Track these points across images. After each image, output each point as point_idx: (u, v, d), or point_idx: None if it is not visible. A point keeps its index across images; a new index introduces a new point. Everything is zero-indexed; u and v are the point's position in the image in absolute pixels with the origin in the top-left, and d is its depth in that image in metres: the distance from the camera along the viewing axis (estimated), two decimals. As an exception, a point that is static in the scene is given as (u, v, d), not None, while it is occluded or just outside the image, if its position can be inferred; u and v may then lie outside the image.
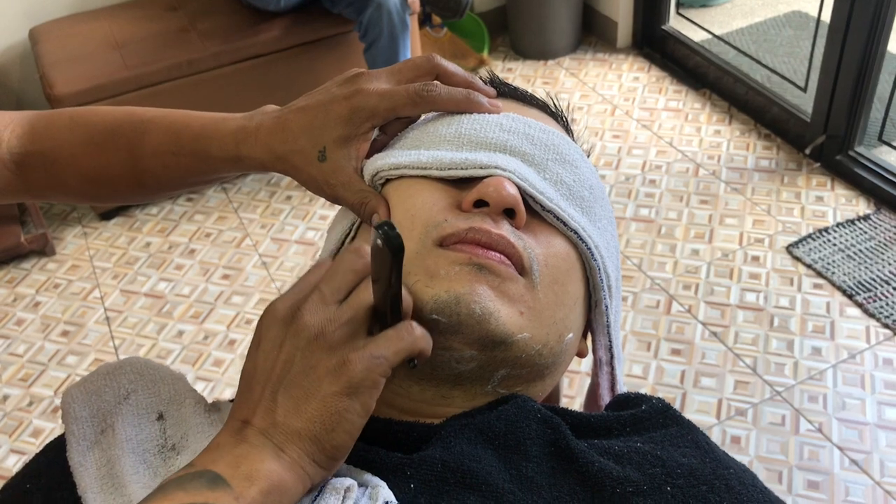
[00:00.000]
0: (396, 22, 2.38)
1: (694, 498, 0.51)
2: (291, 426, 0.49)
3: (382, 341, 0.51)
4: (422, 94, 0.62)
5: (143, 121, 0.69)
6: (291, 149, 0.63)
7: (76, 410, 0.58)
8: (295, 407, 0.49)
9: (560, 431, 0.54)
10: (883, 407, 1.84)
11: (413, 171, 0.62)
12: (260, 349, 0.51)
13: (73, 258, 2.47)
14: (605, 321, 0.65)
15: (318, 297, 0.51)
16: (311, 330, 0.50)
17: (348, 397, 0.49)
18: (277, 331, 0.51)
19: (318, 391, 0.49)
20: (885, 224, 2.29)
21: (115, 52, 2.45)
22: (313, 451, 0.49)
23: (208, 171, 0.68)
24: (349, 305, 0.51)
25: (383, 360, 0.50)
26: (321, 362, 0.50)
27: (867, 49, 2.29)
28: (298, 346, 0.50)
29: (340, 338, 0.50)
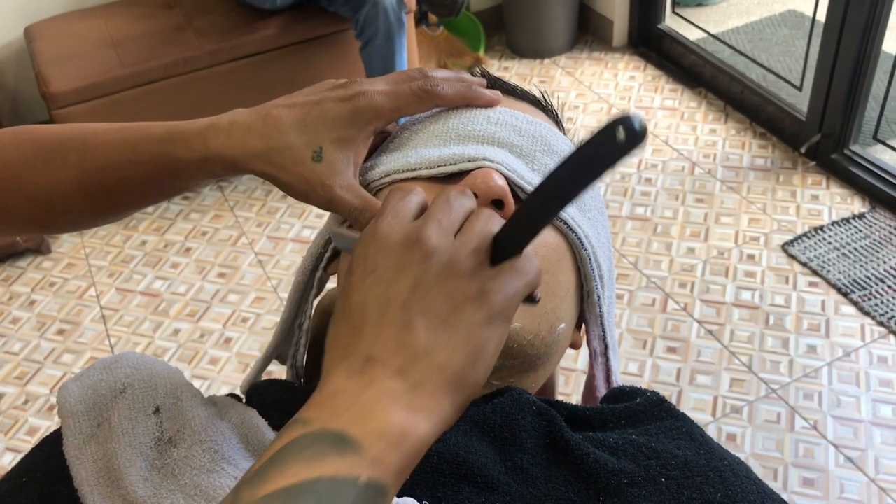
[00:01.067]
0: (393, 20, 2.38)
1: (688, 489, 0.51)
2: (435, 360, 0.43)
3: (511, 272, 0.47)
4: (426, 90, 0.61)
5: (95, 132, 0.63)
6: (276, 145, 0.58)
7: (72, 405, 0.58)
8: (436, 337, 0.43)
9: (555, 423, 0.55)
10: (878, 404, 1.85)
11: (403, 174, 0.62)
12: (375, 276, 0.45)
13: (68, 256, 2.47)
14: (598, 311, 0.65)
15: (436, 223, 0.46)
16: (444, 255, 0.45)
17: (490, 327, 0.45)
18: (397, 256, 0.45)
19: (460, 320, 0.44)
20: (880, 223, 2.30)
21: (110, 49, 2.45)
22: (453, 389, 0.43)
23: (170, 179, 0.62)
24: (474, 234, 0.47)
25: (515, 290, 0.46)
26: (459, 288, 0.45)
27: (862, 48, 2.29)
28: (430, 271, 0.45)
29: (472, 266, 0.46)
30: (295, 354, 0.70)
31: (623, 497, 0.51)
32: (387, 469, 0.40)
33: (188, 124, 0.61)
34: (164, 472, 0.53)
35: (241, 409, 0.58)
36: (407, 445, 0.41)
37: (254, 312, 2.23)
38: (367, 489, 0.39)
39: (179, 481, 0.52)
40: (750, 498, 0.52)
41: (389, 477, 0.40)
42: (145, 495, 0.51)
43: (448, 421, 0.43)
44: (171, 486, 0.52)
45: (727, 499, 0.51)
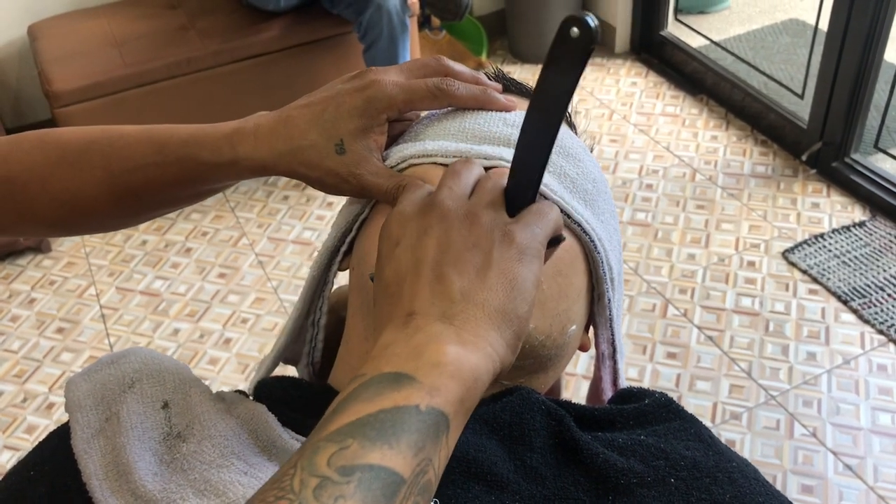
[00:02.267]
0: (396, 23, 2.39)
1: (697, 490, 0.52)
2: (473, 298, 0.45)
3: (530, 215, 0.49)
4: (441, 88, 0.62)
5: (121, 134, 0.64)
6: (300, 145, 0.60)
7: (80, 399, 0.58)
8: (470, 280, 0.45)
9: (564, 423, 0.55)
10: (877, 412, 1.85)
11: (419, 160, 0.62)
12: (401, 246, 0.48)
13: (68, 255, 2.47)
14: (608, 314, 0.65)
15: (447, 190, 0.50)
16: (460, 211, 0.48)
17: (521, 262, 0.47)
18: (417, 223, 0.48)
19: (489, 260, 0.46)
20: (881, 231, 2.30)
21: (114, 49, 2.45)
22: (499, 324, 0.45)
23: (197, 181, 0.64)
24: (483, 191, 0.50)
25: (539, 229, 0.49)
26: (482, 237, 0.47)
27: (864, 57, 2.30)
28: (451, 227, 0.47)
29: (491, 216, 0.48)
30: (312, 351, 0.70)
31: (633, 497, 0.51)
32: (446, 397, 0.41)
33: (213, 128, 0.63)
34: (173, 466, 0.53)
35: (249, 404, 0.58)
36: (462, 374, 0.42)
37: (254, 313, 2.23)
38: (428, 415, 0.40)
39: (189, 476, 0.52)
40: (758, 499, 0.52)
41: (449, 405, 0.41)
42: (154, 490, 0.51)
43: (502, 355, 0.45)
44: (180, 480, 0.52)
45: (736, 500, 0.51)
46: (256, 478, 0.52)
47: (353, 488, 0.37)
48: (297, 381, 0.63)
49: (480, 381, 0.43)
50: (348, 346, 0.63)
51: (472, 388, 0.43)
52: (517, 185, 0.50)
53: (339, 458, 0.38)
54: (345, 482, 0.37)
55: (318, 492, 0.37)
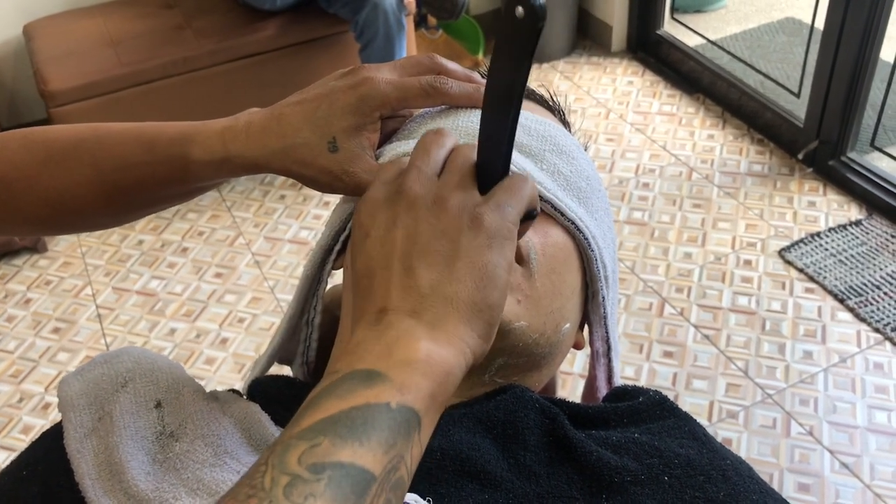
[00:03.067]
0: (392, 22, 2.39)
1: (691, 488, 0.51)
2: (442, 292, 0.45)
3: (502, 192, 0.48)
4: (434, 86, 0.61)
5: (109, 132, 0.63)
6: (293, 143, 0.59)
7: (73, 398, 0.57)
8: (439, 273, 0.45)
9: (558, 421, 0.55)
10: (873, 411, 1.85)
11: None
12: (370, 237, 0.47)
13: (64, 255, 2.47)
14: (603, 312, 0.65)
15: (415, 171, 0.49)
16: (427, 197, 0.47)
17: (490, 249, 0.46)
18: (385, 212, 0.48)
19: (458, 250, 0.46)
20: (877, 230, 2.31)
21: (109, 48, 2.45)
22: (470, 317, 0.45)
23: (188, 179, 0.63)
24: (453, 170, 0.48)
25: (511, 208, 0.48)
26: (450, 224, 0.46)
27: (860, 56, 2.30)
28: (418, 217, 0.47)
29: (459, 197, 0.47)
30: (306, 351, 0.70)
31: (626, 495, 0.51)
32: (416, 394, 0.41)
33: (204, 125, 0.62)
34: (165, 465, 0.53)
35: (243, 403, 0.58)
36: (433, 372, 0.42)
37: (250, 313, 2.23)
38: (398, 412, 0.40)
39: (182, 475, 0.52)
40: (752, 497, 0.52)
41: (420, 402, 0.41)
42: (147, 489, 0.51)
43: (473, 347, 0.45)
44: (173, 479, 0.52)
45: (730, 498, 0.51)
46: (249, 476, 0.52)
47: (324, 486, 0.37)
48: (291, 381, 0.63)
49: (452, 376, 0.43)
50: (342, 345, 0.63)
51: (444, 384, 0.43)
52: (486, 161, 0.49)
53: (310, 455, 0.38)
54: (315, 480, 0.37)
55: (289, 490, 0.37)
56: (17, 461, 0.57)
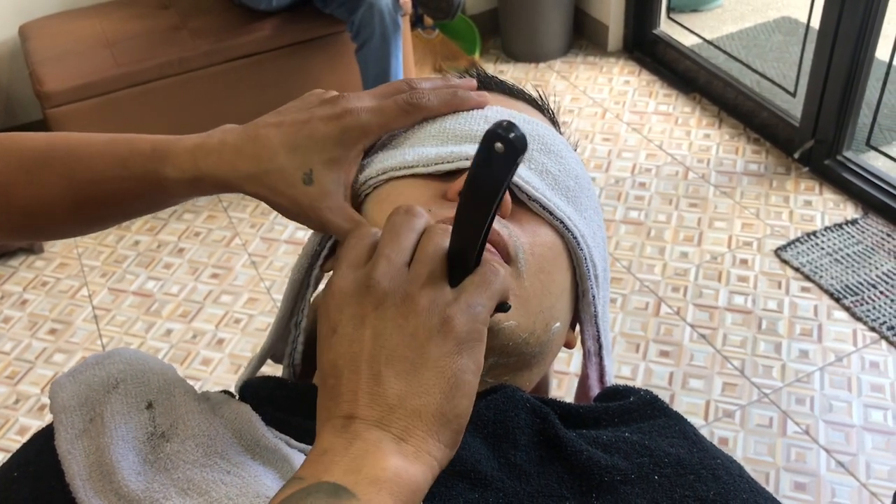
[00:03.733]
0: (388, 23, 2.39)
1: (681, 486, 0.52)
2: (409, 406, 0.43)
3: (473, 288, 0.46)
4: (412, 103, 0.61)
5: (81, 144, 0.62)
6: (267, 168, 0.58)
7: (64, 400, 0.57)
8: (406, 383, 0.44)
9: (548, 421, 0.55)
10: (869, 409, 1.86)
11: (399, 171, 0.62)
12: (338, 334, 0.46)
13: (60, 256, 2.46)
14: (593, 311, 0.65)
15: (385, 262, 0.46)
16: (396, 295, 0.45)
17: (460, 356, 0.44)
18: (354, 308, 0.46)
19: (426, 358, 0.44)
20: (873, 228, 2.31)
21: (105, 49, 2.44)
22: (437, 429, 0.44)
23: (160, 196, 0.62)
24: (423, 261, 0.46)
25: (481, 307, 0.46)
26: (419, 326, 0.45)
27: (855, 55, 2.30)
28: (386, 317, 0.45)
29: (428, 296, 0.45)
30: (292, 353, 0.70)
31: (616, 494, 0.51)
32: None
33: (177, 141, 0.61)
34: (156, 466, 0.53)
35: (234, 404, 0.58)
36: (401, 490, 0.41)
37: (247, 313, 2.23)
38: None
39: (172, 475, 0.52)
40: (742, 496, 0.52)
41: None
42: (138, 489, 0.51)
43: (441, 459, 0.44)
44: (163, 480, 0.52)
45: (720, 497, 0.51)
46: (239, 476, 0.52)
47: None
48: (281, 382, 0.63)
49: (419, 492, 0.43)
50: None
51: (410, 500, 0.42)
52: (459, 249, 0.47)
53: None
54: None
55: None
56: (9, 463, 0.58)
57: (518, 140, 0.43)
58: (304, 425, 0.56)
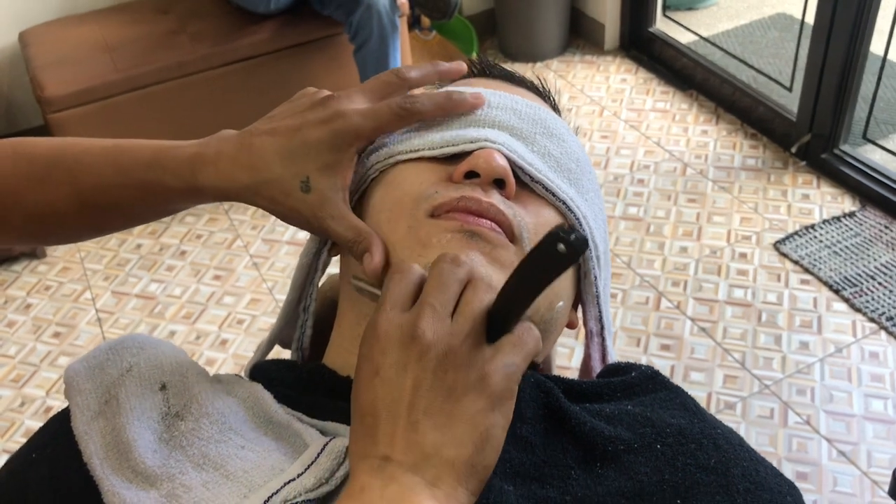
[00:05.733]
0: (386, 23, 2.40)
1: (683, 455, 0.53)
2: (444, 456, 0.46)
3: (509, 348, 0.49)
4: (405, 107, 0.61)
5: (87, 151, 0.63)
6: (264, 178, 0.58)
7: (79, 383, 0.59)
8: (442, 434, 0.46)
9: (553, 395, 0.56)
10: (869, 399, 1.87)
11: (406, 155, 0.63)
12: (379, 377, 0.48)
13: (63, 260, 2.48)
14: (595, 291, 0.66)
15: (430, 312, 0.48)
16: (439, 348, 0.47)
17: (493, 412, 0.47)
18: (397, 355, 0.47)
19: (463, 412, 0.47)
20: (871, 221, 2.32)
21: (105, 54, 2.46)
22: (467, 479, 0.46)
23: (161, 204, 0.63)
24: (467, 317, 0.48)
25: (515, 367, 0.48)
26: (458, 381, 0.47)
27: (850, 49, 2.32)
28: (427, 368, 0.47)
29: (469, 352, 0.48)
30: (301, 337, 0.71)
31: (619, 463, 0.53)
32: None
33: (175, 150, 0.61)
34: (171, 444, 0.54)
35: (246, 384, 0.59)
36: None
37: (249, 314, 2.24)
38: None
39: (188, 452, 0.53)
40: (743, 463, 0.53)
41: None
42: (154, 465, 0.52)
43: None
44: (179, 456, 0.53)
45: (720, 464, 0.53)
46: (254, 451, 0.53)
47: None
48: (290, 363, 0.64)
49: None
50: (341, 329, 0.64)
51: None
52: (501, 310, 0.49)
53: None
54: None
55: None
56: (27, 445, 0.59)
57: (579, 244, 0.45)
58: (314, 402, 0.58)
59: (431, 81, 0.65)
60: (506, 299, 0.49)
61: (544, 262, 0.46)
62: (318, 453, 0.52)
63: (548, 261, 0.46)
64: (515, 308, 0.49)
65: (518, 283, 0.48)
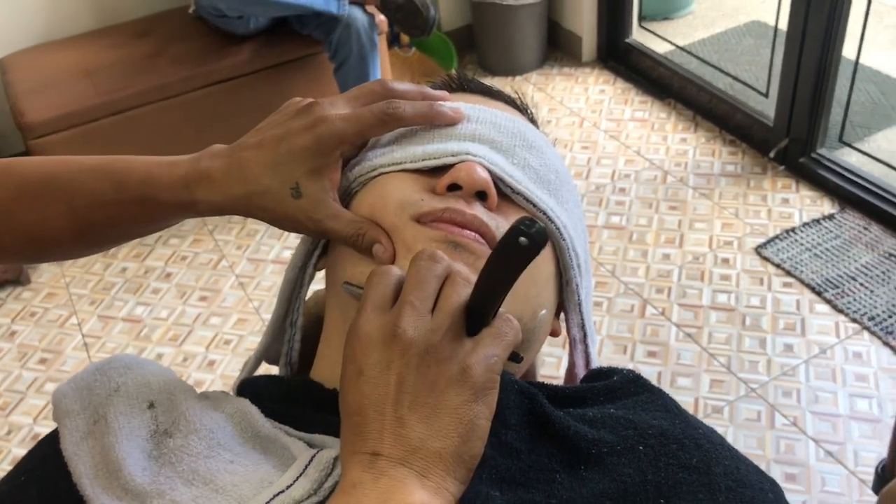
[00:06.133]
0: (365, 41, 2.42)
1: (665, 456, 0.54)
2: (431, 447, 0.48)
3: (489, 340, 0.51)
4: (388, 113, 0.62)
5: (80, 169, 0.64)
6: (255, 189, 0.60)
7: (67, 405, 0.59)
8: (428, 426, 0.48)
9: (537, 400, 0.57)
10: (854, 399, 1.89)
11: (388, 168, 0.64)
12: (364, 377, 0.49)
13: (48, 286, 2.47)
14: (577, 299, 0.68)
15: (410, 309, 0.50)
16: (420, 344, 0.49)
17: (476, 402, 0.49)
18: (380, 354, 0.49)
19: (447, 404, 0.48)
20: (850, 222, 2.35)
21: (85, 79, 2.46)
22: (455, 468, 0.48)
23: (157, 219, 0.65)
24: (446, 312, 0.50)
25: (496, 357, 0.50)
26: (441, 374, 0.49)
27: (823, 54, 2.35)
28: (410, 364, 0.49)
29: (449, 346, 0.49)
30: (289, 351, 0.72)
31: (603, 465, 0.54)
32: None
33: (169, 167, 0.63)
34: (161, 461, 0.55)
35: (233, 399, 0.60)
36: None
37: (236, 334, 2.24)
38: None
39: (177, 468, 0.54)
40: (724, 462, 0.54)
41: None
42: (144, 482, 0.53)
43: (456, 494, 0.49)
44: (168, 472, 0.54)
45: (702, 463, 0.54)
46: (242, 465, 0.54)
47: None
48: (277, 378, 0.65)
49: None
50: (327, 342, 0.65)
51: None
52: (479, 303, 0.51)
53: None
54: None
55: None
56: (16, 468, 0.59)
57: (539, 236, 0.48)
58: (301, 415, 0.58)
59: (415, 99, 0.66)
60: (481, 293, 0.51)
61: (509, 255, 0.49)
62: (306, 465, 0.52)
63: (512, 254, 0.49)
64: (492, 300, 0.51)
65: (488, 279, 0.50)
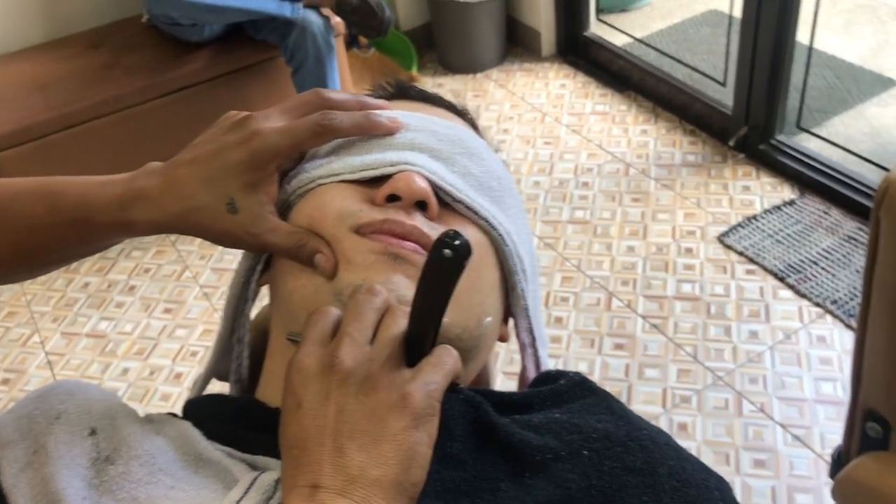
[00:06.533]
0: (321, 44, 2.41)
1: (609, 459, 0.54)
2: (370, 476, 0.47)
3: (429, 367, 0.51)
4: (323, 124, 0.61)
5: (17, 192, 0.63)
6: (191, 206, 0.59)
7: (6, 435, 0.58)
8: (367, 454, 0.47)
9: (482, 409, 0.57)
10: (819, 382, 1.91)
11: (327, 179, 0.63)
12: (302, 409, 0.49)
13: (9, 305, 2.43)
14: (524, 304, 0.67)
15: (348, 341, 0.50)
16: (358, 374, 0.49)
17: (416, 430, 0.48)
18: (318, 385, 0.49)
19: (386, 431, 0.48)
20: (810, 207, 2.38)
21: (37, 93, 2.43)
22: (395, 496, 0.47)
23: (93, 240, 0.63)
24: (384, 342, 0.51)
25: (436, 385, 0.50)
26: (380, 402, 0.49)
27: (778, 40, 2.38)
28: (349, 393, 0.49)
29: (388, 374, 0.49)
30: (238, 368, 0.71)
31: (548, 471, 0.53)
32: None
33: (103, 187, 0.61)
34: (101, 489, 0.54)
35: (176, 422, 0.59)
36: None
37: (202, 345, 2.22)
38: None
39: (117, 496, 0.53)
40: (669, 462, 0.54)
41: None
42: (83, 513, 0.52)
43: None
44: (108, 501, 0.53)
45: (647, 465, 0.54)
46: (183, 490, 0.53)
47: None
48: (224, 397, 0.65)
49: None
50: (273, 357, 0.64)
51: None
52: (416, 333, 0.52)
53: None
54: None
55: None
56: (-46, 504, 0.58)
57: (462, 247, 0.49)
58: (245, 436, 0.58)
59: (352, 108, 0.65)
60: (417, 320, 0.51)
61: (437, 270, 0.49)
62: (247, 488, 0.52)
63: (440, 269, 0.49)
64: (428, 326, 0.51)
65: (423, 299, 0.51)
